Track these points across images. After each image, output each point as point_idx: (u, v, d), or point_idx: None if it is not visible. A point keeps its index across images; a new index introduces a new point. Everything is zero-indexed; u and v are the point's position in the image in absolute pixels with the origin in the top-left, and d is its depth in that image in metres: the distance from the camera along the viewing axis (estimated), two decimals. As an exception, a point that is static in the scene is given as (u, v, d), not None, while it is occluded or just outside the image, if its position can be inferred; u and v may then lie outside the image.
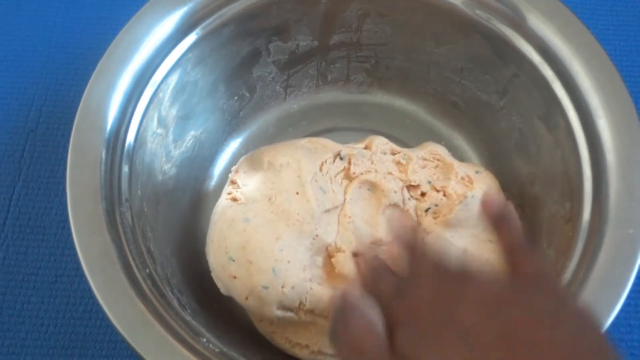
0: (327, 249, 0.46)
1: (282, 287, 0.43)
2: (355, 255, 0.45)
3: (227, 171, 0.53)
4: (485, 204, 0.36)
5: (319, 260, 0.46)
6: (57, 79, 0.61)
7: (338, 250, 0.45)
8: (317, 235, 0.45)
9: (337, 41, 0.55)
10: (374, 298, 0.34)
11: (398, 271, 0.36)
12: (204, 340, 0.39)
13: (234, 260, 0.44)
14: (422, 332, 0.30)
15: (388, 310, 0.33)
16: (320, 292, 0.44)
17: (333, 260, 0.45)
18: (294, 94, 0.59)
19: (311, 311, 0.45)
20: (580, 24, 0.45)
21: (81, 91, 0.43)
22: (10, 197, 0.56)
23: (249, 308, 0.45)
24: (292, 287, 0.44)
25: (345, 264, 0.45)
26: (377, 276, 0.36)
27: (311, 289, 0.44)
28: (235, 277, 0.44)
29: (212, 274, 0.45)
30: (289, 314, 0.45)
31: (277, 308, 0.44)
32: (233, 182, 0.49)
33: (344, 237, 0.45)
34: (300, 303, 0.44)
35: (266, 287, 0.43)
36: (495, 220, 0.35)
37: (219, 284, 0.45)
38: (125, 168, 0.43)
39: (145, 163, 0.46)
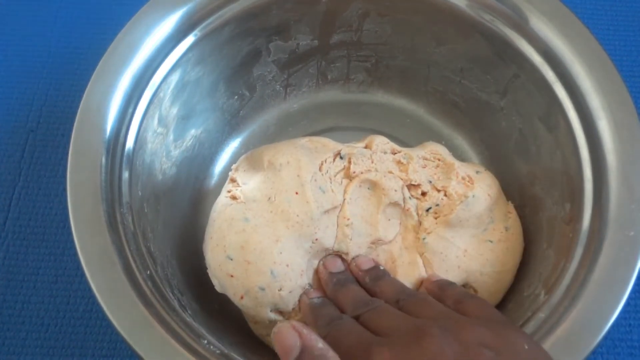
0: (325, 252, 0.46)
1: (280, 290, 0.43)
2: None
3: (227, 171, 0.53)
4: (428, 290, 0.44)
5: (316, 263, 0.46)
6: (57, 79, 0.61)
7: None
8: (316, 239, 0.45)
9: (337, 40, 0.55)
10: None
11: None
12: (205, 341, 0.39)
13: (232, 259, 0.44)
14: None
15: None
16: None
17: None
18: (294, 94, 0.59)
19: (304, 322, 0.45)
20: (580, 25, 0.45)
21: (81, 91, 0.43)
22: (10, 197, 0.56)
23: (243, 308, 0.45)
24: (290, 292, 0.44)
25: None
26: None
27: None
28: (232, 276, 0.44)
29: (209, 271, 0.45)
30: (281, 319, 0.45)
31: (271, 310, 0.44)
32: (233, 180, 0.49)
33: (342, 242, 0.46)
34: (294, 309, 0.44)
35: (263, 289, 0.43)
36: (439, 294, 0.42)
37: (215, 281, 0.45)
38: (126, 169, 0.43)
39: (145, 163, 0.46)
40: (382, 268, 0.45)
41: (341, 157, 0.48)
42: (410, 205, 0.48)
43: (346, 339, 0.35)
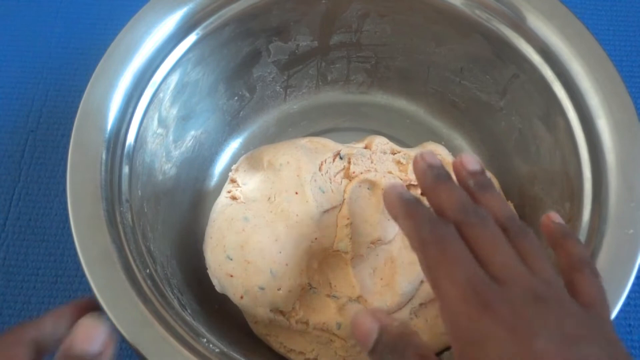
0: (324, 252, 0.46)
1: (279, 289, 0.43)
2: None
3: (227, 171, 0.53)
4: (545, 226, 0.36)
5: (316, 263, 0.46)
6: (58, 79, 0.61)
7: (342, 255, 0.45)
8: (315, 239, 0.45)
9: (337, 41, 0.55)
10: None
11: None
12: (204, 340, 0.39)
13: (231, 259, 0.44)
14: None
15: None
16: (315, 300, 0.44)
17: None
18: (294, 94, 0.59)
19: (305, 322, 0.45)
20: (580, 24, 0.45)
21: (81, 91, 0.43)
22: (10, 197, 0.56)
23: (243, 307, 0.45)
24: (289, 291, 0.44)
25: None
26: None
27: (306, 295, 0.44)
28: (231, 276, 0.44)
29: (209, 271, 0.46)
30: (280, 318, 0.45)
31: (270, 310, 0.44)
32: (233, 181, 0.49)
33: (342, 242, 0.46)
34: (293, 309, 0.44)
35: (262, 288, 0.43)
36: (557, 239, 0.35)
37: (215, 281, 0.45)
38: (126, 168, 0.43)
39: (145, 163, 0.46)
40: (488, 177, 0.37)
41: (341, 158, 0.49)
42: (410, 205, 0.48)
43: (454, 264, 0.30)
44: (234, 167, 0.50)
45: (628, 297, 0.38)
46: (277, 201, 0.45)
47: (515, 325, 0.28)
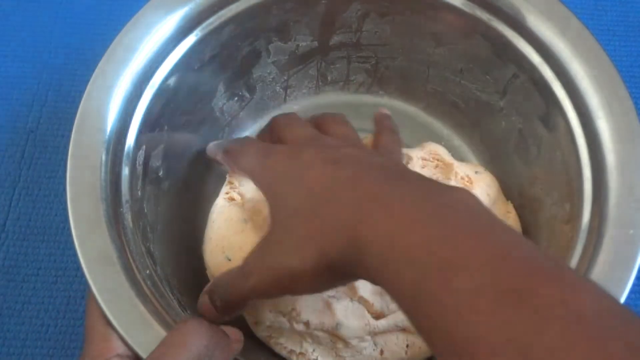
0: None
1: (278, 290, 0.43)
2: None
3: (226, 172, 0.53)
4: (375, 115, 0.50)
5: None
6: (58, 79, 0.61)
7: None
8: (314, 238, 0.45)
9: (337, 42, 0.55)
10: None
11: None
12: (204, 340, 0.39)
13: (230, 260, 0.44)
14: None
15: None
16: (315, 301, 0.44)
17: None
18: (293, 95, 0.59)
19: (305, 323, 0.44)
20: (580, 24, 0.45)
21: (81, 91, 0.43)
22: (10, 197, 0.56)
23: None
24: None
25: None
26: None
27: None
28: None
29: (207, 272, 0.46)
30: (281, 319, 0.44)
31: (270, 311, 0.44)
32: (231, 182, 0.49)
33: None
34: (293, 309, 0.44)
35: None
36: (378, 121, 0.49)
37: None
38: (125, 169, 0.43)
39: (145, 164, 0.46)
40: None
41: (341, 158, 0.48)
42: (410, 205, 0.48)
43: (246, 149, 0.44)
44: (232, 167, 0.50)
45: (628, 297, 0.37)
46: (276, 202, 0.45)
47: (291, 151, 0.40)
